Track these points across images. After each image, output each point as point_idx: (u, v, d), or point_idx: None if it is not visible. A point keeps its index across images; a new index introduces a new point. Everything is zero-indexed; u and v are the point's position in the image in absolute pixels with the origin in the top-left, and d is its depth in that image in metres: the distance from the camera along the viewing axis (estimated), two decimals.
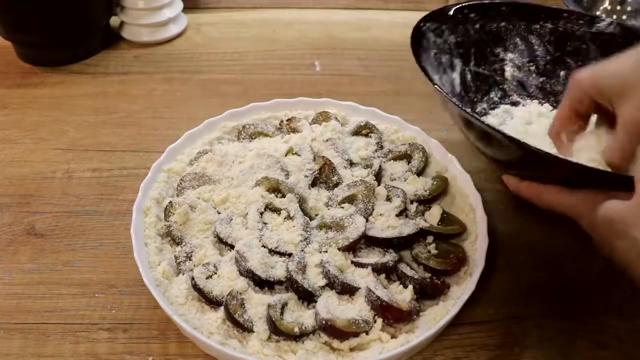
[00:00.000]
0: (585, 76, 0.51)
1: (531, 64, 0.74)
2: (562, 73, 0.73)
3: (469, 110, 0.52)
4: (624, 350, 0.53)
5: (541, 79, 0.74)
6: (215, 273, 0.54)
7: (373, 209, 0.60)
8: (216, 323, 0.50)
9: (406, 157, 0.68)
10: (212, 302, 0.52)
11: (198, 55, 0.93)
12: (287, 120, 0.72)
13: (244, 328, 0.50)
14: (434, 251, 0.57)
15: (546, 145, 0.65)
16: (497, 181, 0.69)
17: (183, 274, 0.55)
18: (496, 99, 0.74)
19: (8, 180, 0.69)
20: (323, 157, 0.65)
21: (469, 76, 0.71)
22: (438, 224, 0.60)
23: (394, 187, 0.62)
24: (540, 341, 0.54)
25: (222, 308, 0.51)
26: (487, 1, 0.71)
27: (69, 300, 0.56)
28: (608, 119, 0.51)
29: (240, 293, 0.52)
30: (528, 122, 0.71)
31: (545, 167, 0.49)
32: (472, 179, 0.63)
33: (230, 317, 0.50)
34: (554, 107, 0.73)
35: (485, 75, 0.73)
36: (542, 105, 0.74)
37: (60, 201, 0.67)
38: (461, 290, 0.54)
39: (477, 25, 0.70)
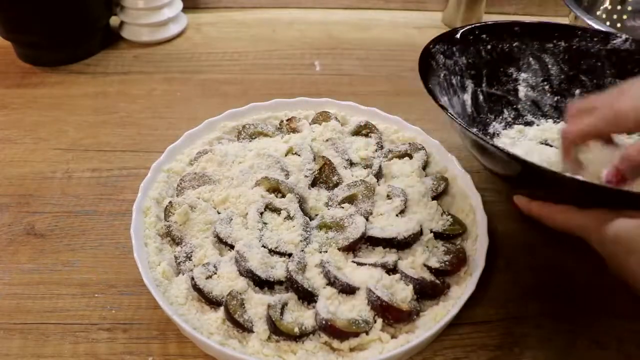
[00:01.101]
0: (630, 112, 0.48)
1: (545, 83, 0.72)
2: (577, 91, 0.72)
3: (474, 130, 0.52)
4: (624, 350, 0.53)
5: (556, 98, 0.72)
6: (215, 273, 0.54)
7: (373, 209, 0.60)
8: (216, 323, 0.50)
9: (407, 156, 0.68)
10: (212, 302, 0.52)
11: (198, 55, 0.93)
12: (287, 120, 0.72)
13: (244, 328, 0.50)
14: (434, 251, 0.57)
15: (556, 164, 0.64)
16: (497, 181, 0.69)
17: (183, 274, 0.55)
18: (510, 119, 0.73)
19: (8, 180, 0.69)
20: (323, 157, 0.65)
21: (481, 97, 0.70)
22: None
23: (394, 186, 0.62)
24: (540, 341, 0.54)
25: (222, 308, 0.51)
26: (499, 21, 0.70)
27: (68, 300, 0.56)
28: None
29: (240, 293, 0.52)
30: (542, 141, 0.70)
31: (549, 184, 0.49)
32: (472, 179, 0.63)
33: (230, 317, 0.50)
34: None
35: (498, 96, 0.72)
36: (557, 124, 0.72)
37: (60, 201, 0.67)
38: (461, 290, 0.54)
39: (489, 46, 0.69)
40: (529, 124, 0.73)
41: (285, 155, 0.66)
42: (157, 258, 0.56)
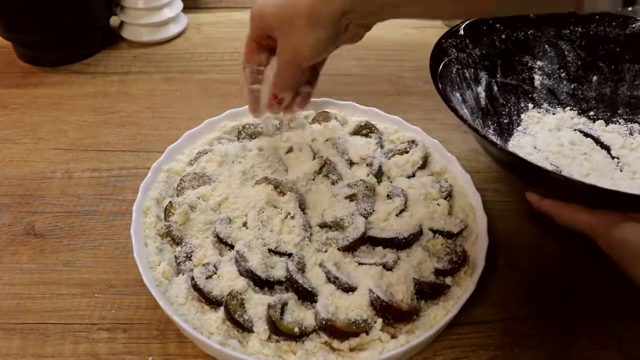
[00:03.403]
0: (255, 7, 0.52)
1: (562, 70, 0.72)
2: (594, 78, 0.71)
3: (483, 132, 0.52)
4: (624, 350, 0.53)
5: (572, 86, 0.72)
6: (215, 273, 0.54)
7: (373, 209, 0.60)
8: (216, 323, 0.50)
9: (406, 154, 0.67)
10: (212, 302, 0.52)
11: (198, 55, 0.93)
12: (287, 120, 0.72)
13: (244, 328, 0.50)
14: (434, 251, 0.57)
15: (570, 154, 0.65)
16: (497, 181, 0.69)
17: (183, 274, 0.55)
18: (525, 109, 0.72)
19: (8, 180, 0.69)
20: (323, 157, 0.65)
21: (495, 88, 0.69)
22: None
23: (394, 186, 0.62)
24: (540, 341, 0.54)
25: (222, 308, 0.51)
26: None
27: (68, 300, 0.56)
28: None
29: (240, 293, 0.52)
30: (558, 128, 0.70)
31: (556, 186, 0.48)
32: (472, 179, 0.63)
33: (230, 317, 0.50)
34: (585, 114, 0.72)
35: (513, 86, 0.71)
36: (572, 112, 0.72)
37: (60, 201, 0.67)
38: (461, 290, 0.54)
39: (503, 35, 0.69)
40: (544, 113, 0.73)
41: (285, 155, 0.66)
42: (157, 258, 0.56)
